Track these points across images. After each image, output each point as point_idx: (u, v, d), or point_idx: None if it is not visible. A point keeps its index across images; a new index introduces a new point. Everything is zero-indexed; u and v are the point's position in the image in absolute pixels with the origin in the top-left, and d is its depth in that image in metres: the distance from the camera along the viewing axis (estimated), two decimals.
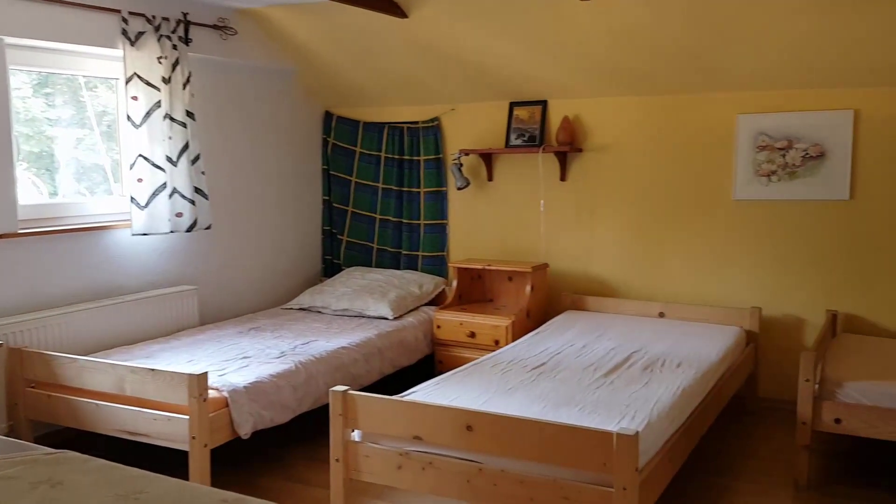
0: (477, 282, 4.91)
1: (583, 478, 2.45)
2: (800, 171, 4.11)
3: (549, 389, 3.06)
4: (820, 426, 3.15)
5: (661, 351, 3.63)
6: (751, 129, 4.21)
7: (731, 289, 4.35)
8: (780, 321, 4.24)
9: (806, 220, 4.13)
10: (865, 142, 3.96)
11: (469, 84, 4.74)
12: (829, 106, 4.02)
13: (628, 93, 4.48)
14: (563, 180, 4.75)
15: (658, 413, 2.77)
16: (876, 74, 3.80)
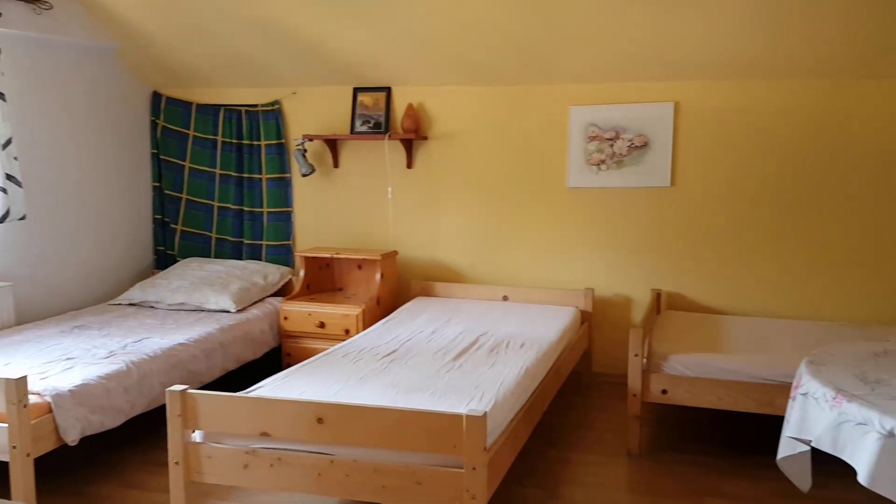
0: (325, 271, 4.83)
1: (434, 461, 2.48)
2: (626, 160, 4.39)
3: (401, 376, 3.06)
4: (649, 397, 3.40)
5: (506, 333, 3.75)
6: (582, 121, 4.43)
7: (568, 271, 4.58)
8: (611, 300, 4.52)
9: (632, 206, 4.42)
10: (684, 132, 4.29)
11: (312, 67, 4.62)
12: (651, 98, 4.31)
13: (471, 82, 4.57)
14: (409, 168, 4.77)
15: (504, 393, 2.86)
16: (694, 69, 4.12)
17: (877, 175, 3.99)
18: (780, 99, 4.09)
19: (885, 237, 4.02)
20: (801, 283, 4.18)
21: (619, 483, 3.20)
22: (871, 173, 4.00)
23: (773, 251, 4.21)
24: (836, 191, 4.07)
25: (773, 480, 3.02)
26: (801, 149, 4.10)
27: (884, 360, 2.43)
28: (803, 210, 4.13)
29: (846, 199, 4.06)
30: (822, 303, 4.15)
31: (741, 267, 4.27)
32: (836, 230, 4.09)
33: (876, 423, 1.91)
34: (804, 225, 4.14)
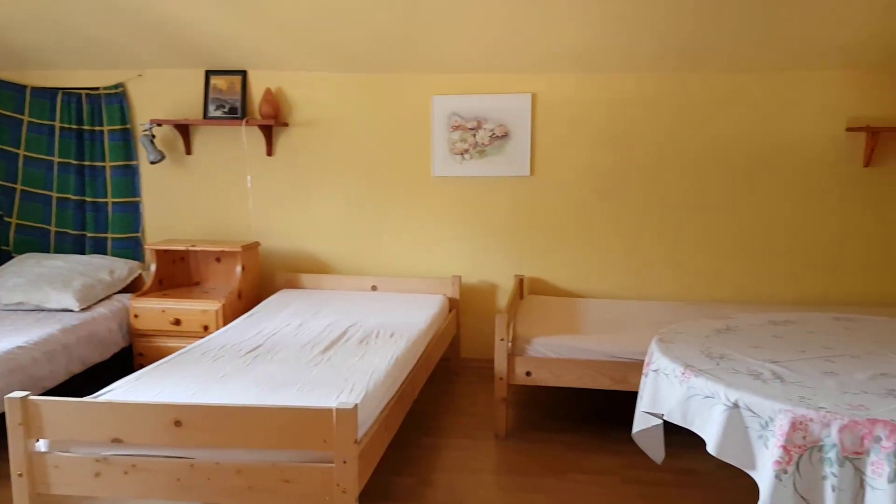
0: (180, 264, 4.57)
1: (303, 458, 2.41)
2: (488, 150, 4.46)
3: (267, 372, 2.95)
4: (514, 380, 3.49)
5: (376, 323, 3.72)
6: (445, 110, 4.46)
7: (436, 260, 4.61)
8: (478, 287, 4.60)
9: (495, 195, 4.51)
10: (541, 123, 4.42)
11: (159, 47, 4.35)
12: (511, 90, 4.41)
13: (333, 68, 4.47)
14: (270, 155, 4.60)
15: (374, 383, 2.83)
16: (548, 61, 4.25)
17: (713, 162, 4.30)
18: (624, 90, 4.31)
19: (723, 221, 4.34)
20: (650, 266, 4.44)
21: (486, 465, 3.27)
22: (710, 160, 4.30)
23: (625, 236, 4.44)
24: (677, 177, 4.34)
25: (630, 454, 3.20)
26: (646, 138, 4.33)
27: (726, 336, 2.62)
28: (650, 197, 4.38)
29: (687, 185, 4.34)
30: (669, 284, 4.43)
31: (597, 252, 4.48)
32: (679, 215, 4.37)
33: (722, 395, 2.06)
34: (651, 211, 4.39)
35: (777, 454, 1.90)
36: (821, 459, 1.86)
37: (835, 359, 2.32)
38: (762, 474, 1.95)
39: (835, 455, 1.83)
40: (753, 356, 2.36)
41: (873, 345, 2.48)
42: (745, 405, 2.01)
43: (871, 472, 1.79)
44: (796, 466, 1.88)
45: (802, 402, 1.95)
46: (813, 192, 4.23)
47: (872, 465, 1.79)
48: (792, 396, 1.99)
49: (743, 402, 2.01)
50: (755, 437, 1.99)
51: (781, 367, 2.25)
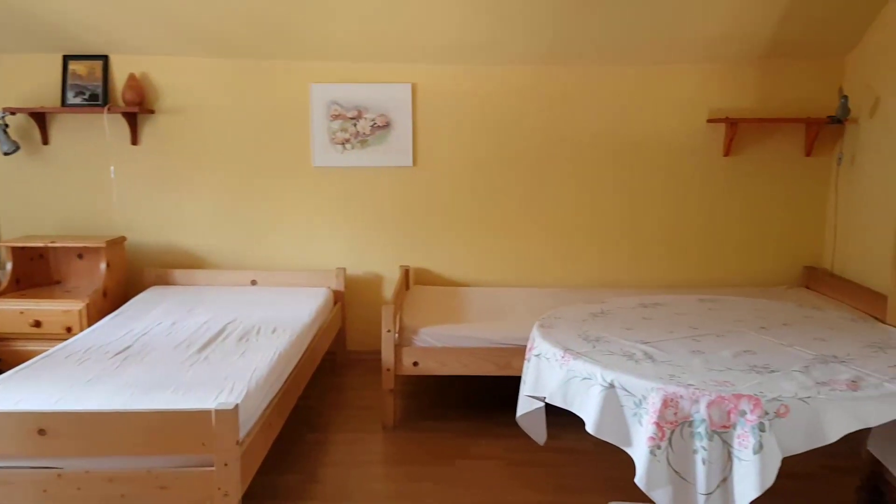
0: (39, 262, 4.25)
1: (181, 462, 2.31)
2: (370, 140, 4.42)
3: (138, 375, 2.79)
4: (402, 370, 3.48)
5: (256, 319, 3.61)
6: (324, 99, 4.37)
7: (319, 252, 4.52)
8: (363, 279, 4.56)
9: (378, 185, 4.48)
10: (423, 113, 4.42)
11: (12, 31, 4.00)
12: (391, 79, 4.38)
13: (202, 53, 4.27)
14: (135, 144, 4.36)
15: (256, 382, 2.74)
16: (430, 52, 4.26)
17: (587, 152, 4.45)
18: (502, 82, 4.38)
19: (598, 209, 4.51)
20: (532, 254, 4.55)
21: (375, 457, 3.25)
22: (584, 150, 4.45)
23: (507, 226, 4.52)
24: (554, 167, 4.47)
25: (514, 437, 3.27)
26: (524, 129, 4.43)
27: (601, 320, 2.73)
28: (529, 186, 4.49)
29: (564, 175, 4.48)
30: (550, 271, 4.56)
31: (480, 241, 4.54)
32: (558, 205, 4.51)
33: (598, 376, 2.13)
34: (531, 200, 4.50)
35: (651, 430, 1.99)
36: (691, 434, 1.96)
37: (700, 338, 2.46)
38: (637, 450, 2.04)
39: (704, 429, 1.93)
40: (626, 338, 2.46)
41: (735, 324, 2.65)
42: (620, 385, 2.09)
43: (737, 444, 1.91)
44: (669, 442, 1.98)
45: (673, 380, 2.05)
46: (679, 181, 4.47)
47: (739, 438, 1.91)
48: (663, 375, 2.09)
49: (618, 382, 2.09)
50: (630, 415, 2.08)
51: (652, 347, 2.36)
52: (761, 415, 1.88)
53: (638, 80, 4.37)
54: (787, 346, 2.36)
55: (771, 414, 1.88)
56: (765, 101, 4.33)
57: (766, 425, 1.88)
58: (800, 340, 2.42)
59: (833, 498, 2.85)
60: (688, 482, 1.98)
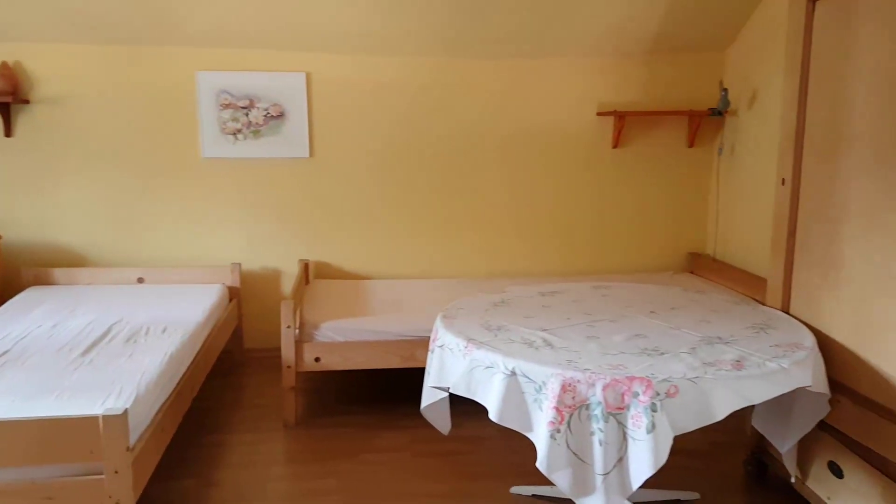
0: None
1: (68, 472, 2.17)
2: (263, 130, 4.30)
3: (18, 380, 2.60)
4: (303, 367, 3.41)
5: (144, 319, 3.44)
6: (212, 87, 4.22)
7: (212, 247, 4.37)
8: (260, 274, 4.44)
9: (274, 177, 4.37)
10: (318, 103, 4.34)
11: None
12: (284, 68, 4.27)
13: (81, 39, 4.02)
14: (8, 136, 4.06)
15: (146, 385, 2.61)
16: (324, 40, 4.18)
17: (485, 143, 4.51)
18: (400, 73, 4.36)
19: (496, 201, 4.57)
20: (433, 246, 4.57)
21: (276, 457, 3.17)
22: (482, 142, 4.50)
23: (408, 217, 4.52)
24: (453, 159, 4.50)
25: (419, 428, 3.28)
26: (421, 120, 4.43)
27: (502, 309, 2.77)
28: (428, 178, 4.50)
29: (462, 167, 4.51)
30: (452, 262, 4.60)
31: (381, 233, 4.51)
32: (456, 196, 4.54)
33: (500, 364, 2.16)
34: (431, 192, 4.51)
35: (551, 415, 2.04)
36: (588, 417, 2.02)
37: (595, 324, 2.54)
38: (538, 435, 2.08)
39: (600, 412, 2.00)
40: (526, 326, 2.51)
41: (626, 309, 2.75)
42: (521, 372, 2.13)
43: (631, 424, 1.98)
44: (568, 425, 2.03)
45: (570, 365, 2.10)
46: (571, 172, 4.59)
47: (633, 419, 1.98)
48: (561, 361, 2.14)
49: (519, 370, 2.13)
50: (531, 401, 2.12)
51: (551, 334, 2.41)
52: (653, 396, 1.96)
53: (531, 73, 4.45)
54: (675, 329, 2.47)
55: (662, 395, 1.97)
56: (650, 94, 4.51)
57: (657, 406, 1.96)
58: (687, 323, 2.54)
59: (722, 471, 3.02)
60: (586, 463, 2.04)
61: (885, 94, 2.18)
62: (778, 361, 2.13)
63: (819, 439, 2.46)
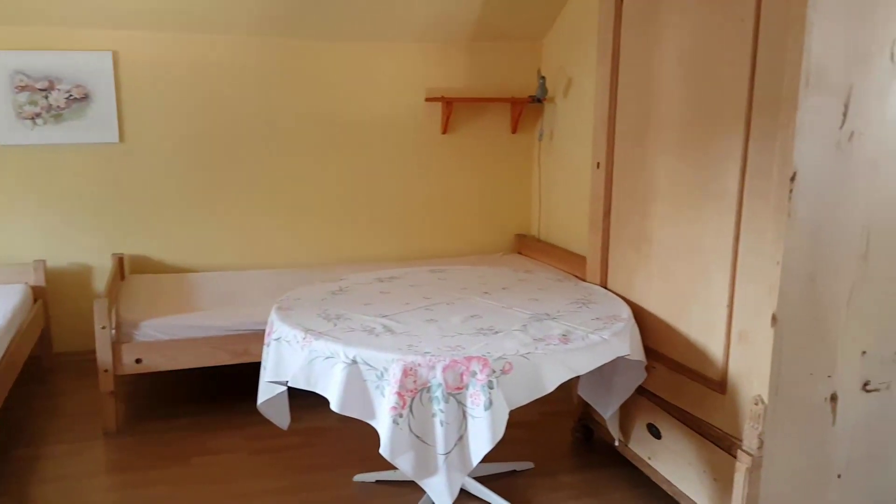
0: None
1: None
2: (66, 114, 3.94)
3: None
4: (122, 370, 3.18)
5: None
6: (5, 68, 3.80)
7: (11, 244, 3.94)
8: (69, 271, 4.07)
9: (80, 165, 4.01)
10: (128, 85, 4.03)
11: None
12: (87, 46, 3.92)
13: None
14: None
15: None
16: (133, 17, 3.87)
17: (315, 128, 4.42)
18: (220, 54, 4.16)
19: (329, 186, 4.50)
20: (263, 235, 4.41)
21: (97, 467, 2.93)
22: (312, 127, 4.41)
23: (233, 205, 4.33)
24: (280, 144, 4.37)
25: (255, 425, 3.18)
26: (244, 104, 4.26)
27: (341, 297, 2.73)
28: (255, 164, 4.34)
29: (291, 152, 4.39)
30: (284, 251, 4.47)
31: (205, 223, 4.29)
32: (286, 182, 4.42)
33: (341, 354, 2.13)
34: (258, 178, 4.35)
35: (393, 401, 2.04)
36: (429, 399, 2.05)
37: (433, 307, 2.58)
38: (381, 421, 2.08)
39: (441, 393, 2.03)
40: (366, 313, 2.50)
41: (461, 291, 2.82)
42: (363, 360, 2.11)
43: (470, 403, 2.03)
44: (410, 409, 2.05)
45: (411, 349, 2.12)
46: (403, 157, 4.62)
47: (471, 397, 2.03)
48: (402, 346, 2.15)
49: (360, 358, 2.11)
50: (373, 389, 2.11)
51: (390, 320, 2.41)
52: (490, 373, 2.03)
53: (362, 57, 4.41)
54: (507, 307, 2.57)
55: (498, 372, 2.03)
56: (476, 81, 4.63)
57: (494, 383, 2.03)
58: (517, 302, 2.65)
59: (553, 440, 3.19)
60: (428, 445, 2.07)
61: (686, 82, 2.38)
62: (599, 333, 2.27)
63: (638, 404, 2.67)
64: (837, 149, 1.96)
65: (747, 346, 2.13)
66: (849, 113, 1.95)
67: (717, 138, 2.22)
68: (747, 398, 2.13)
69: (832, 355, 2.10)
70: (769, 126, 2.01)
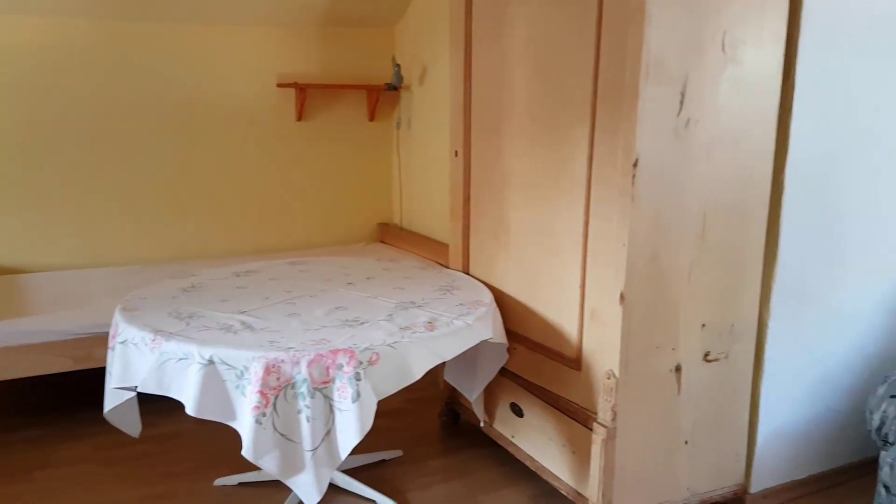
0: None
1: None
2: None
3: None
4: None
5: None
6: None
7: None
8: None
9: None
10: None
11: None
12: None
13: None
14: None
15: None
16: None
17: (159, 117, 4.17)
18: (53, 37, 3.83)
19: (175, 178, 4.26)
20: (103, 230, 4.12)
21: None
22: (155, 115, 4.15)
23: (69, 199, 4.01)
24: (122, 133, 4.09)
25: (104, 434, 2.97)
26: (83, 89, 3.95)
27: (193, 295, 2.59)
28: (94, 154, 4.03)
29: (133, 141, 4.12)
30: (128, 247, 4.19)
31: (36, 219, 3.94)
32: (129, 174, 4.14)
33: (196, 354, 2.02)
34: (96, 170, 4.05)
35: (255, 400, 1.97)
36: (294, 395, 2.00)
37: (295, 301, 2.51)
38: (243, 422, 2.01)
39: (306, 389, 1.98)
40: (222, 310, 2.39)
41: (325, 283, 2.77)
42: (220, 359, 2.02)
43: (337, 396, 2.00)
44: (273, 407, 1.99)
45: (273, 346, 2.05)
46: (256, 146, 4.46)
47: (338, 391, 2.00)
48: (263, 343, 2.08)
49: (217, 357, 2.02)
50: (233, 389, 2.03)
51: (249, 316, 2.33)
52: (357, 365, 2.00)
53: (204, 41, 4.20)
54: (373, 297, 2.55)
55: (365, 363, 2.01)
56: (330, 67, 4.55)
57: (361, 374, 2.01)
58: (382, 291, 2.63)
59: (420, 426, 3.21)
60: (294, 442, 2.02)
61: (535, 72, 2.45)
62: (463, 319, 2.31)
63: (501, 384, 2.74)
64: (675, 135, 2.09)
65: (599, 324, 2.24)
66: (685, 101, 2.08)
67: (566, 127, 2.31)
68: (600, 373, 2.24)
69: (675, 329, 2.24)
70: (613, 115, 2.10)
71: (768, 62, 2.20)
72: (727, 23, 2.09)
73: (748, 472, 2.51)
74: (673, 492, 2.38)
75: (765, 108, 2.24)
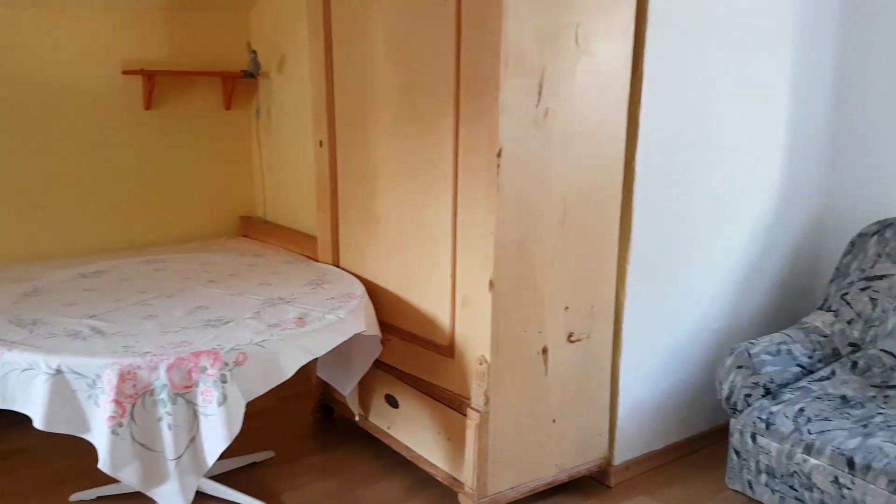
0: None
1: None
2: None
3: None
4: None
5: None
6: None
7: None
8: None
9: None
10: None
11: None
12: None
13: None
14: None
15: None
16: None
17: (27, 109, 3.79)
18: None
19: (10, 171, 3.90)
20: None
21: None
22: (22, 106, 3.78)
23: None
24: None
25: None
26: None
27: (36, 299, 2.38)
28: None
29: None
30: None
31: None
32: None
33: (42, 364, 1.87)
34: None
35: (110, 410, 1.85)
36: (154, 403, 1.89)
37: (151, 301, 2.37)
38: (97, 434, 1.88)
39: (167, 395, 1.88)
40: (69, 315, 2.22)
41: (183, 281, 2.63)
42: (69, 368, 1.89)
43: (202, 401, 1.91)
44: (131, 416, 1.87)
45: (127, 351, 1.93)
46: (100, 137, 4.14)
47: (203, 395, 1.91)
48: (116, 348, 1.95)
49: (66, 366, 1.88)
50: (85, 399, 1.90)
51: (99, 320, 2.17)
52: (222, 367, 1.92)
53: (43, 27, 3.85)
54: (237, 295, 2.45)
55: (231, 364, 1.94)
56: (180, 53, 4.30)
57: (227, 376, 1.93)
58: (248, 288, 2.54)
59: (293, 424, 3.14)
60: (156, 452, 1.92)
61: (397, 63, 2.43)
62: (335, 313, 2.27)
63: (376, 377, 2.72)
64: (535, 126, 2.15)
65: (470, 311, 2.27)
66: (543, 92, 2.14)
67: (431, 118, 2.31)
68: (473, 359, 2.27)
69: (541, 312, 2.32)
70: (476, 106, 2.13)
71: (618, 54, 2.31)
72: (580, 16, 2.17)
73: (611, 446, 2.64)
74: (543, 469, 2.46)
75: (616, 98, 2.34)
